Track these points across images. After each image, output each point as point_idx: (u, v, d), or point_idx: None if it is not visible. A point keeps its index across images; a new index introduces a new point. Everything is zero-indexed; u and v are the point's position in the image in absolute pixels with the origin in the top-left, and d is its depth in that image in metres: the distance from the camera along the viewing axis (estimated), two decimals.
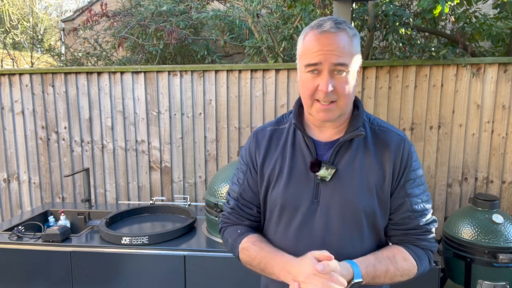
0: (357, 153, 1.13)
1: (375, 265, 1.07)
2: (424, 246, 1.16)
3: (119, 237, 2.31)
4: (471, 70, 2.99)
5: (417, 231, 1.15)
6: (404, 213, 1.14)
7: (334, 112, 1.09)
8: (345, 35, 1.06)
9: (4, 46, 7.73)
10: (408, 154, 1.14)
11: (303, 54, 1.09)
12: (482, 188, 3.10)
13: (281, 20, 3.89)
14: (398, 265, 1.10)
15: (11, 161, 3.59)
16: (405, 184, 1.14)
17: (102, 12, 4.47)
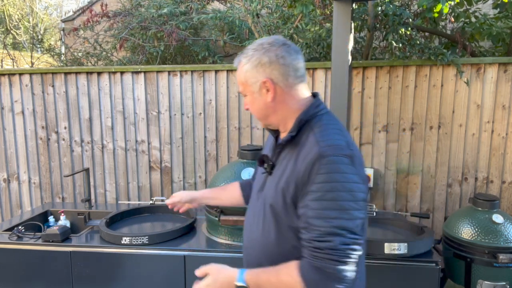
0: (287, 155, 1.25)
1: (258, 274, 1.19)
2: (318, 265, 1.08)
3: (119, 237, 2.31)
4: (467, 79, 2.99)
5: (309, 245, 1.11)
6: (302, 223, 1.14)
7: (260, 122, 1.37)
8: (240, 67, 1.29)
9: (4, 46, 7.73)
10: (316, 168, 1.11)
11: None
12: (482, 188, 3.10)
13: (281, 20, 3.89)
14: (280, 278, 1.14)
15: (11, 161, 3.59)
16: (306, 195, 1.13)
17: (103, 13, 4.47)
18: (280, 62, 1.24)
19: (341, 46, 2.80)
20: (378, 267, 2.11)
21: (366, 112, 3.18)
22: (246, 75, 1.27)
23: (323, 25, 3.77)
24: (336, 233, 1.08)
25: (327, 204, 1.09)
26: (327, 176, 1.10)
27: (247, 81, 1.28)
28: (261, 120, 1.34)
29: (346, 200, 1.09)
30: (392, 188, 3.22)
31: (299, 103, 1.28)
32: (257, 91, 1.26)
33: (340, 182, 1.09)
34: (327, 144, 1.14)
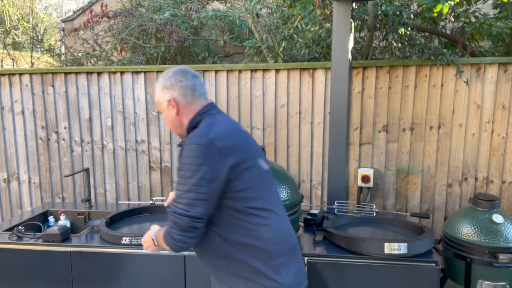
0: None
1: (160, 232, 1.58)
2: (168, 227, 1.51)
3: (119, 237, 2.31)
4: (467, 78, 2.99)
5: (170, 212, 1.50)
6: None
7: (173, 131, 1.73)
8: (155, 91, 1.71)
9: (4, 46, 7.72)
10: (182, 153, 1.51)
11: None
12: (482, 188, 3.10)
13: (281, 20, 3.89)
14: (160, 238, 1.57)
15: (11, 161, 3.59)
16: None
17: (103, 13, 4.47)
18: (179, 85, 1.63)
19: (341, 46, 2.80)
20: (378, 267, 2.12)
21: (366, 112, 3.18)
22: (158, 96, 1.68)
23: (323, 25, 3.78)
24: (174, 203, 1.47)
25: (179, 179, 1.49)
26: (182, 159, 1.49)
27: (159, 101, 1.68)
28: (174, 131, 1.71)
29: (186, 177, 1.46)
30: (392, 188, 3.22)
31: (194, 113, 1.63)
32: (166, 107, 1.66)
33: (185, 164, 1.47)
34: (190, 137, 1.52)
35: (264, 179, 1.59)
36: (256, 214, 1.51)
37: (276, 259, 1.51)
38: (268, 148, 3.32)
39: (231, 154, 1.47)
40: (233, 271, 1.54)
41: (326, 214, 2.71)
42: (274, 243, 1.52)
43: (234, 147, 1.49)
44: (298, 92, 3.23)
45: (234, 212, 1.49)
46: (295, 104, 3.25)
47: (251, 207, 1.50)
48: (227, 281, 1.57)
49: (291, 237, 1.63)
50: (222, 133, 1.51)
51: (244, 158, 1.50)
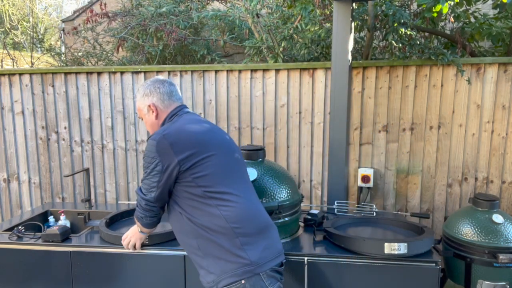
0: None
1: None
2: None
3: (119, 237, 2.31)
4: (468, 77, 2.99)
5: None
6: None
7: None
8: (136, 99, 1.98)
9: (4, 46, 7.72)
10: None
11: None
12: (482, 188, 3.10)
13: (281, 20, 3.89)
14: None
15: (11, 161, 3.59)
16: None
17: (102, 13, 4.47)
18: (157, 91, 1.89)
19: (341, 46, 2.80)
20: (378, 267, 2.12)
21: (366, 112, 3.18)
22: (138, 103, 1.94)
23: (323, 25, 3.78)
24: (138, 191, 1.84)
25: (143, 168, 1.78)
26: (144, 152, 1.78)
27: (140, 107, 1.94)
28: (151, 131, 1.94)
29: (144, 168, 1.77)
30: (392, 188, 3.22)
31: (166, 114, 1.89)
32: (146, 113, 1.91)
33: (144, 157, 1.77)
34: (155, 133, 1.75)
35: (225, 167, 1.77)
36: (217, 197, 1.70)
37: (240, 237, 1.67)
38: (268, 148, 3.32)
39: (182, 148, 1.69)
40: (203, 250, 1.72)
41: (326, 214, 2.71)
42: (237, 222, 1.69)
43: (185, 142, 1.70)
44: (298, 92, 3.23)
45: (195, 197, 1.70)
46: (295, 104, 3.25)
47: (211, 191, 1.69)
48: (200, 261, 1.75)
49: (259, 218, 1.79)
50: (175, 130, 1.74)
51: (198, 151, 1.71)
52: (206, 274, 1.73)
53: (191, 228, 1.74)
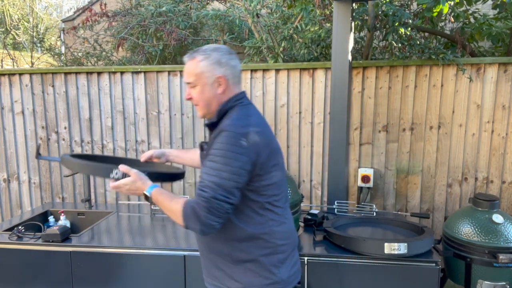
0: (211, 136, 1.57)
1: (162, 194, 1.54)
2: (194, 205, 1.43)
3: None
4: (469, 75, 2.99)
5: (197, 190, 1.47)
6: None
7: (200, 111, 1.64)
8: (195, 61, 1.59)
9: (4, 46, 7.72)
10: (216, 139, 1.48)
11: None
12: (482, 188, 3.10)
13: (281, 20, 3.89)
14: (171, 205, 1.51)
15: (11, 161, 3.59)
16: (207, 157, 1.50)
17: (102, 12, 4.47)
18: (231, 64, 1.59)
19: (341, 46, 2.80)
20: (378, 267, 2.12)
21: (366, 112, 3.18)
22: (203, 69, 1.57)
23: (323, 25, 3.77)
24: (209, 186, 1.42)
25: (214, 164, 1.44)
26: (219, 144, 1.46)
27: (202, 74, 1.57)
28: (203, 108, 1.61)
29: (223, 164, 1.43)
30: (392, 188, 3.22)
31: (228, 97, 1.60)
32: (210, 83, 1.57)
33: (224, 150, 1.44)
34: (229, 124, 1.50)
35: (283, 178, 1.63)
36: (272, 210, 1.56)
37: (279, 254, 1.58)
38: None
39: (265, 149, 1.50)
40: (234, 258, 1.57)
41: (326, 214, 2.71)
42: (283, 239, 1.59)
43: (268, 142, 1.53)
44: (298, 92, 3.23)
45: (253, 204, 1.53)
46: (295, 104, 3.25)
47: (269, 203, 1.55)
48: (223, 265, 1.60)
49: (295, 236, 1.72)
50: (260, 127, 1.54)
51: (273, 155, 1.55)
52: (227, 279, 1.59)
53: (232, 235, 1.55)
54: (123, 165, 1.64)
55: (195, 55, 1.59)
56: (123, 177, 1.61)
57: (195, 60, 1.59)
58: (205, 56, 1.57)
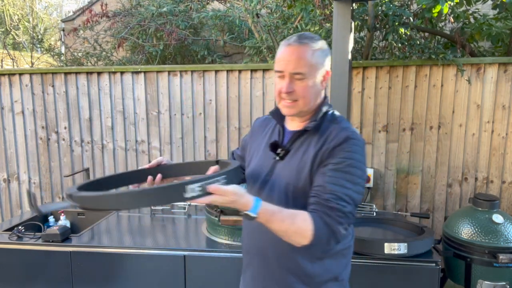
0: (305, 141, 1.38)
1: (274, 213, 1.21)
2: (328, 221, 1.23)
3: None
4: (468, 77, 2.99)
5: (325, 203, 1.24)
6: (318, 187, 1.28)
7: (294, 109, 1.36)
8: (307, 48, 1.32)
9: (4, 46, 7.72)
10: (343, 146, 1.29)
11: (275, 62, 1.38)
12: (482, 188, 3.10)
13: (281, 20, 3.89)
14: (295, 221, 1.21)
15: (11, 161, 3.59)
16: (325, 166, 1.29)
17: (102, 12, 4.47)
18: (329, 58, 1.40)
19: (341, 46, 2.80)
20: (378, 267, 2.11)
21: (366, 112, 3.18)
22: (318, 60, 1.33)
23: (323, 25, 3.77)
24: (346, 200, 1.24)
25: (343, 175, 1.26)
26: (349, 153, 1.27)
27: (316, 65, 1.33)
28: (304, 105, 1.36)
29: (358, 176, 1.27)
30: (392, 188, 3.22)
31: (322, 98, 1.43)
32: (319, 77, 1.35)
33: (356, 161, 1.28)
34: (352, 131, 1.33)
35: None
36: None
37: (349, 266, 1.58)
38: None
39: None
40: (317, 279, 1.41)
41: None
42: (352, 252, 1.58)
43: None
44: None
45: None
46: None
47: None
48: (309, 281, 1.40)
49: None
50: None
51: None
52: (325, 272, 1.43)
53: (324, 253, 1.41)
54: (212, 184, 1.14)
55: (307, 42, 1.33)
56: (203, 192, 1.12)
57: (309, 48, 1.32)
58: (319, 46, 1.35)
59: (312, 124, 1.36)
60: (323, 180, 1.26)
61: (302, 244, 1.22)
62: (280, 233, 1.23)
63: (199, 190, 1.09)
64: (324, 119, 1.39)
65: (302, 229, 1.21)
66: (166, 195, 1.06)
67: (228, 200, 1.15)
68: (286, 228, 1.21)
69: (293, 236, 1.22)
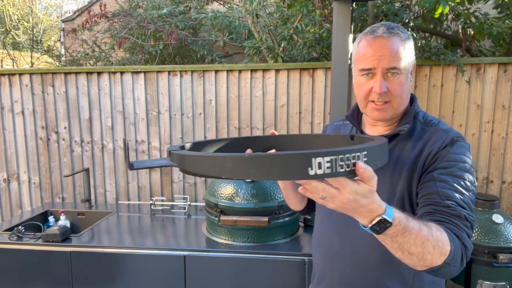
0: (396, 148, 1.18)
1: (408, 218, 0.90)
2: (458, 233, 1.00)
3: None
4: (468, 78, 2.99)
5: (448, 212, 1.03)
6: (429, 194, 1.08)
7: (387, 111, 1.17)
8: (398, 39, 1.13)
9: (4, 46, 7.72)
10: (449, 149, 1.12)
11: (358, 60, 1.18)
12: (482, 188, 3.10)
13: (280, 21, 3.89)
14: (432, 232, 0.92)
15: (11, 161, 3.59)
16: (434, 171, 1.10)
17: (101, 13, 4.47)
18: None
19: (341, 46, 2.81)
20: None
21: None
22: (409, 51, 1.16)
23: (323, 25, 3.78)
24: (465, 207, 1.05)
25: (457, 180, 1.08)
26: (458, 156, 1.11)
27: (408, 57, 1.16)
28: (399, 106, 1.17)
29: (469, 180, 1.10)
30: None
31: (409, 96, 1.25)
32: (410, 73, 1.18)
33: (466, 164, 1.12)
34: (457, 133, 1.17)
35: None
36: None
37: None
38: None
39: None
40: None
41: None
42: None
43: None
44: (298, 92, 3.23)
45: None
46: (295, 104, 3.25)
47: None
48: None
49: None
50: None
51: None
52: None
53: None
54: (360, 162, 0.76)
55: (397, 31, 1.14)
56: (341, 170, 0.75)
57: (400, 38, 1.13)
58: (407, 34, 1.16)
59: (406, 127, 1.17)
60: (435, 186, 1.06)
61: (435, 264, 0.92)
62: (412, 249, 0.90)
63: (329, 167, 0.73)
64: (416, 120, 1.21)
65: (441, 241, 0.92)
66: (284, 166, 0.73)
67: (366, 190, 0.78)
68: (424, 240, 0.89)
69: (430, 254, 0.91)
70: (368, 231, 0.87)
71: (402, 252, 0.91)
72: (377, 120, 1.21)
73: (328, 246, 1.26)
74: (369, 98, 1.16)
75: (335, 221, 1.24)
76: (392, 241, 0.89)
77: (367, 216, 0.84)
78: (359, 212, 0.82)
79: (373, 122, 1.26)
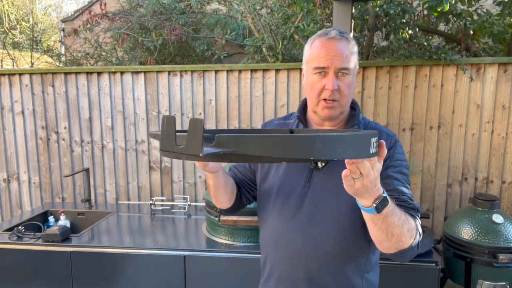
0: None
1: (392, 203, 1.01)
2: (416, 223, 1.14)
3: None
4: (470, 74, 2.99)
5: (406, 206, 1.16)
6: (390, 191, 1.16)
7: (336, 109, 1.25)
8: (348, 43, 1.23)
9: (4, 46, 7.72)
10: (391, 148, 1.26)
11: (312, 59, 1.25)
12: (482, 188, 3.10)
13: (281, 20, 3.89)
14: (407, 216, 1.07)
15: (11, 161, 3.59)
16: (387, 169, 1.22)
17: (102, 13, 4.47)
18: None
19: None
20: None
21: (366, 112, 3.18)
22: (356, 58, 1.27)
23: (324, 24, 3.78)
24: (414, 200, 1.20)
25: (404, 177, 1.23)
26: (401, 155, 1.27)
27: (355, 60, 1.26)
28: (345, 105, 1.26)
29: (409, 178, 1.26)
30: None
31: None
32: (355, 75, 1.28)
33: (405, 161, 1.28)
34: (394, 134, 1.33)
35: None
36: None
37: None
38: None
39: None
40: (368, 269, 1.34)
41: None
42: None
43: None
44: (298, 92, 3.23)
45: None
46: (295, 104, 3.25)
47: None
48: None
49: None
50: None
51: None
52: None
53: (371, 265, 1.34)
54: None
55: (346, 36, 1.24)
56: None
57: (349, 42, 1.24)
58: (354, 42, 1.27)
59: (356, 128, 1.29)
60: (392, 183, 1.18)
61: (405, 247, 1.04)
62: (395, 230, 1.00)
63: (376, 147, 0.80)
64: (360, 122, 1.32)
65: (412, 225, 1.06)
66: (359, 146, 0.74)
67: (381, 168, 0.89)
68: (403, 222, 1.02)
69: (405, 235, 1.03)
70: (370, 211, 0.95)
71: (386, 234, 1.01)
72: (327, 117, 1.27)
73: (290, 245, 1.29)
74: (321, 96, 1.23)
75: (301, 221, 1.28)
76: (383, 221, 0.98)
77: (374, 194, 0.92)
78: (370, 191, 0.90)
79: (320, 122, 1.32)
